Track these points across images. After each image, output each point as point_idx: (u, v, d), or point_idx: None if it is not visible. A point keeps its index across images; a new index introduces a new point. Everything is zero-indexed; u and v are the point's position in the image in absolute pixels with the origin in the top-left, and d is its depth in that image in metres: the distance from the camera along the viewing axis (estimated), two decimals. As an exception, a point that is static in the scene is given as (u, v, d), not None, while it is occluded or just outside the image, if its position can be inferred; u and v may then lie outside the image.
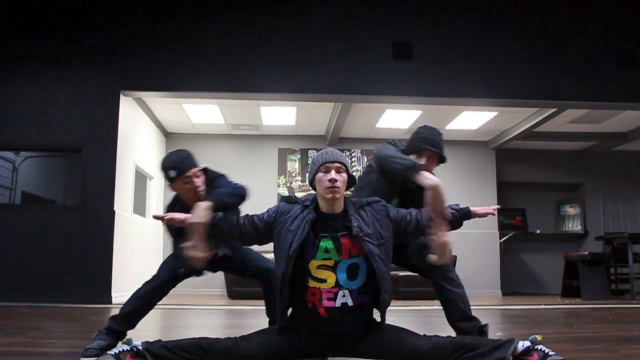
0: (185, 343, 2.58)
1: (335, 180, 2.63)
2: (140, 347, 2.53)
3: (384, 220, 2.77)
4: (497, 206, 3.13)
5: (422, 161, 3.11)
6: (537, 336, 2.61)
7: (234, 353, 2.59)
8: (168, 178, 3.22)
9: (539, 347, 2.56)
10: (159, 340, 2.59)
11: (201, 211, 2.85)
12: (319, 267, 2.65)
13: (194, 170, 3.21)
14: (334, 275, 2.63)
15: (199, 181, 3.22)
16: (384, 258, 2.68)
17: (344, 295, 2.62)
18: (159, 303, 3.35)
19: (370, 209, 2.78)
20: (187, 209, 3.12)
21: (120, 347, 2.55)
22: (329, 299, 2.62)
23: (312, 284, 2.65)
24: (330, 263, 2.64)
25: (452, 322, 3.22)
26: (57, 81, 7.99)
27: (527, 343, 2.59)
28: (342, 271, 2.64)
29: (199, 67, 8.01)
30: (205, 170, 3.33)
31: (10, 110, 7.87)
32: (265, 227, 2.77)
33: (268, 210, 2.82)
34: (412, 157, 3.12)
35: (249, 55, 8.04)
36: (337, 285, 2.63)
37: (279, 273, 2.63)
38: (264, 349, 2.64)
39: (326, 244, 2.65)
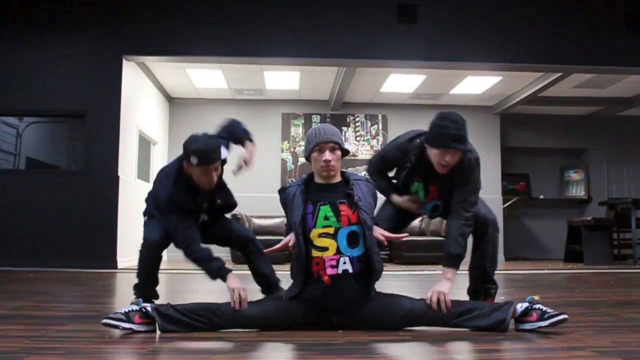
0: (195, 306, 2.65)
1: (329, 161, 2.73)
2: (148, 309, 2.58)
3: (372, 195, 2.88)
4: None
5: (447, 157, 2.98)
6: (534, 296, 2.65)
7: (241, 314, 2.64)
8: (187, 159, 3.07)
9: (537, 306, 2.62)
10: (168, 303, 2.63)
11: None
12: (320, 235, 2.70)
13: (216, 164, 3.10)
14: (335, 242, 2.69)
15: (216, 174, 3.14)
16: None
17: (344, 262, 2.67)
18: (161, 268, 3.38)
19: (365, 182, 2.89)
20: (193, 188, 3.15)
21: (130, 307, 2.59)
22: (331, 267, 2.67)
23: (315, 253, 2.70)
24: (331, 231, 2.70)
25: (473, 277, 3.34)
26: (59, 47, 7.93)
27: (526, 304, 2.64)
28: (343, 239, 2.70)
29: (202, 31, 7.93)
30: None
31: (13, 76, 7.83)
32: None
33: None
34: (435, 151, 3.00)
35: (252, 19, 7.94)
36: (338, 252, 2.68)
37: (295, 250, 2.71)
38: (270, 313, 2.69)
39: (325, 211, 2.72)
